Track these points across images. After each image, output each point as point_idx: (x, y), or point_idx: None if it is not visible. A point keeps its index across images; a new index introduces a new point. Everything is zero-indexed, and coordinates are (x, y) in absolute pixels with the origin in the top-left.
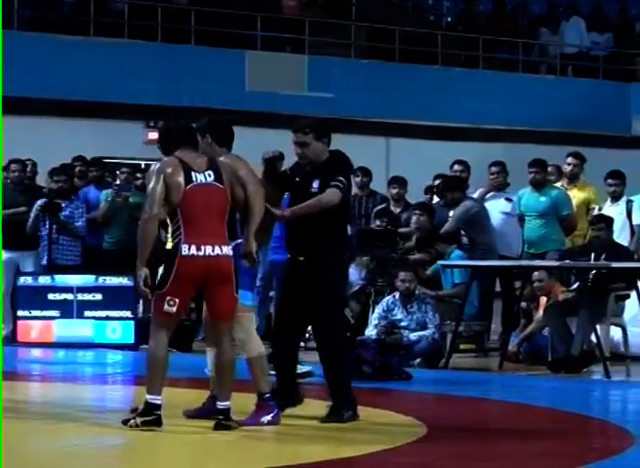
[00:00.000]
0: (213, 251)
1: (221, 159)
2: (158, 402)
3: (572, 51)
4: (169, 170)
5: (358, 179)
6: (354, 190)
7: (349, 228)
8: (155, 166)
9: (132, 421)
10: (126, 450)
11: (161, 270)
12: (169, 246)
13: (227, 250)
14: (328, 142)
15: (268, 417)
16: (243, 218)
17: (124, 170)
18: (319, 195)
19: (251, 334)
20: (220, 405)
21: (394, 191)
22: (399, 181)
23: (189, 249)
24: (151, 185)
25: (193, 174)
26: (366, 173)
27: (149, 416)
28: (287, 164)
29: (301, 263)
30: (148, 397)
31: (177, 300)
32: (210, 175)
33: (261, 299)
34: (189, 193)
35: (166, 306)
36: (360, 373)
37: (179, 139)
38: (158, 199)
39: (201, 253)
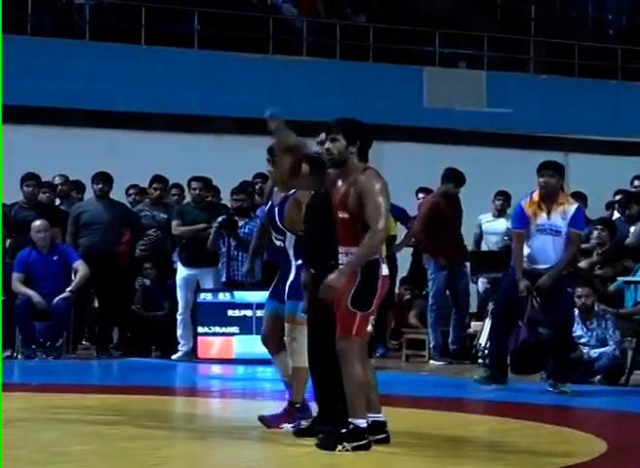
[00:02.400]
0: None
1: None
2: (365, 425)
3: None
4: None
5: None
6: None
7: None
8: (376, 177)
9: (340, 447)
10: (307, 466)
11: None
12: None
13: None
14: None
15: (289, 426)
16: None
17: None
18: None
19: (303, 346)
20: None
21: None
22: (578, 197)
23: (385, 268)
24: (382, 198)
25: None
26: None
27: (361, 441)
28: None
29: None
30: (358, 421)
31: (374, 320)
32: None
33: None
34: None
35: (369, 327)
36: None
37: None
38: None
39: (386, 273)
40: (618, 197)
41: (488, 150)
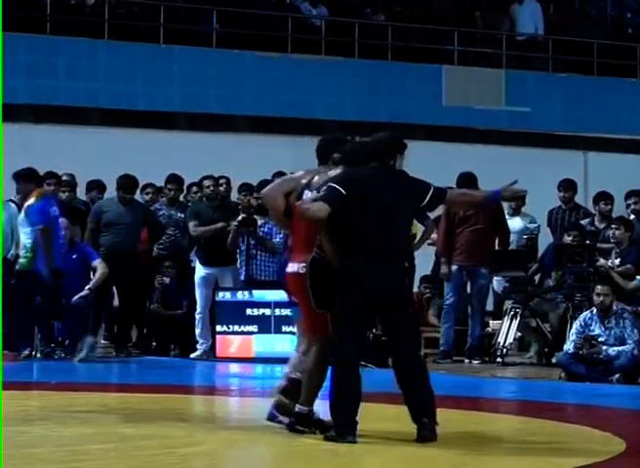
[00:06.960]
0: None
1: None
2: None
3: None
4: None
5: (560, 194)
6: (557, 203)
7: None
8: None
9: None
10: (335, 463)
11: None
12: None
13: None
14: None
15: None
16: None
17: None
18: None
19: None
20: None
21: (600, 207)
22: (606, 197)
23: None
24: None
25: None
26: (568, 187)
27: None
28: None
29: None
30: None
31: None
32: None
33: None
34: None
35: None
36: None
37: None
38: None
39: None
40: (630, 201)
41: (506, 149)
